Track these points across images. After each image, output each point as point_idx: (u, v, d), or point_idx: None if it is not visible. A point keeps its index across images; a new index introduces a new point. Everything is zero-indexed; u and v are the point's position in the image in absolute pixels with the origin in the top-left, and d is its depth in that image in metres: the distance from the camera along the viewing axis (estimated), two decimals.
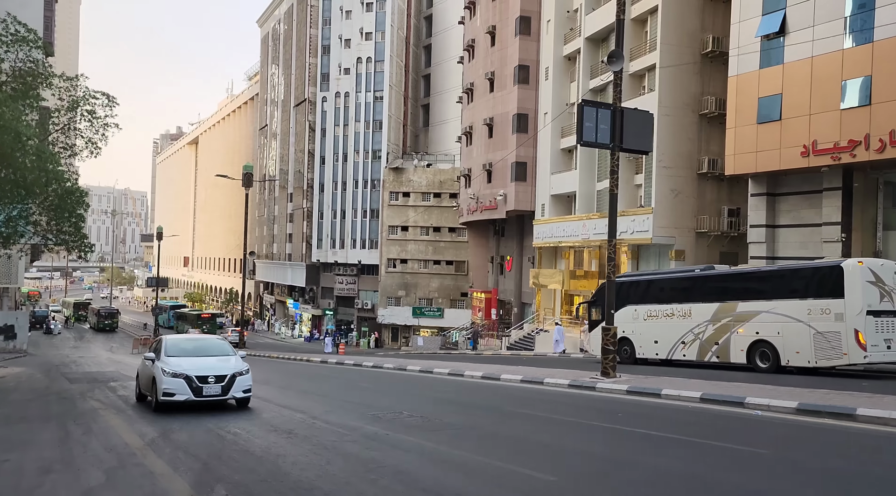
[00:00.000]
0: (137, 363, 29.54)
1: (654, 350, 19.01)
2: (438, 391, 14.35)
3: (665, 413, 10.03)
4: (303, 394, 14.10)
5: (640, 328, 19.54)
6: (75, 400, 13.44)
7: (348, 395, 13.65)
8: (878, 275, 14.85)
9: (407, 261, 58.19)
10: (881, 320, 14.62)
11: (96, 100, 18.28)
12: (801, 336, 15.22)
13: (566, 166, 37.00)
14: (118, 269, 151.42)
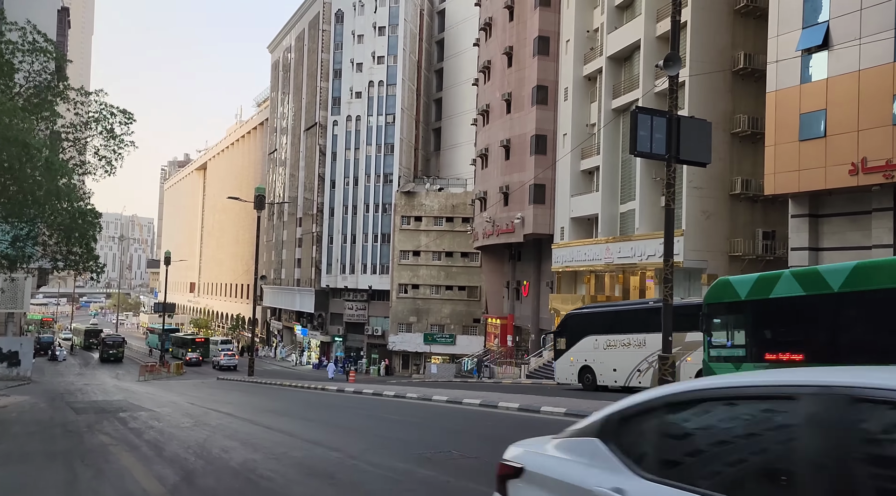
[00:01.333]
0: (145, 391, 28.53)
1: (613, 377, 19.82)
2: (478, 425, 13.10)
3: None
4: (330, 428, 12.86)
5: (600, 357, 20.36)
6: (82, 434, 12.24)
7: (381, 430, 12.41)
8: None
9: (419, 287, 57.03)
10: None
11: (114, 117, 17.41)
12: None
13: (587, 188, 36.02)
14: (124, 296, 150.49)
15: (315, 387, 26.93)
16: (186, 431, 12.20)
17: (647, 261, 29.29)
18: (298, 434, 11.68)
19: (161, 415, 15.55)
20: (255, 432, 12.03)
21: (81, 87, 17.51)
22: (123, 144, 17.69)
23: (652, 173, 30.44)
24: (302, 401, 20.90)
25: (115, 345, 62.75)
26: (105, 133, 17.25)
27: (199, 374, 49.37)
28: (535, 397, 17.37)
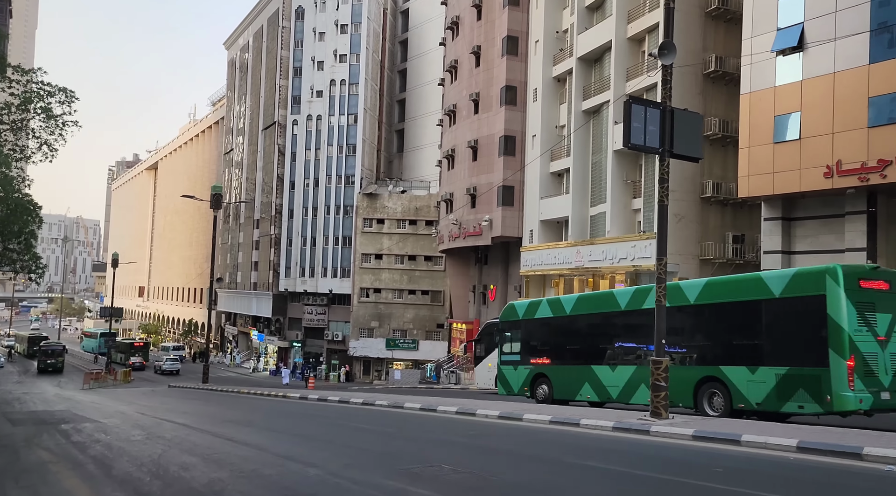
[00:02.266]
0: (90, 400, 26.64)
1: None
2: (460, 434, 12.19)
3: (772, 469, 8.11)
4: (301, 440, 11.77)
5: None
6: (18, 449, 10.86)
7: (357, 441, 11.38)
8: None
9: (381, 291, 55.83)
10: None
11: (52, 96, 15.93)
12: None
13: (556, 191, 35.59)
14: (68, 300, 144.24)
15: (275, 394, 25.57)
16: (138, 445, 10.94)
17: (618, 265, 28.93)
18: (267, 447, 10.57)
19: (108, 427, 14.16)
20: (218, 445, 10.86)
21: (18, 64, 15.97)
22: (65, 125, 16.25)
23: (623, 175, 30.17)
24: (263, 409, 19.62)
25: (55, 353, 54.84)
26: (42, 112, 15.78)
27: (147, 381, 47.07)
28: (513, 404, 16.57)
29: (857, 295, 11.30)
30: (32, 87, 15.87)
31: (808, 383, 11.46)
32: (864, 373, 11.06)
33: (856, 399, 10.93)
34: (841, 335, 11.05)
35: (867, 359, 11.15)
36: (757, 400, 12.24)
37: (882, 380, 11.23)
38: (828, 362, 11.12)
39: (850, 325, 11.09)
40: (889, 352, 11.42)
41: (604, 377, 15.45)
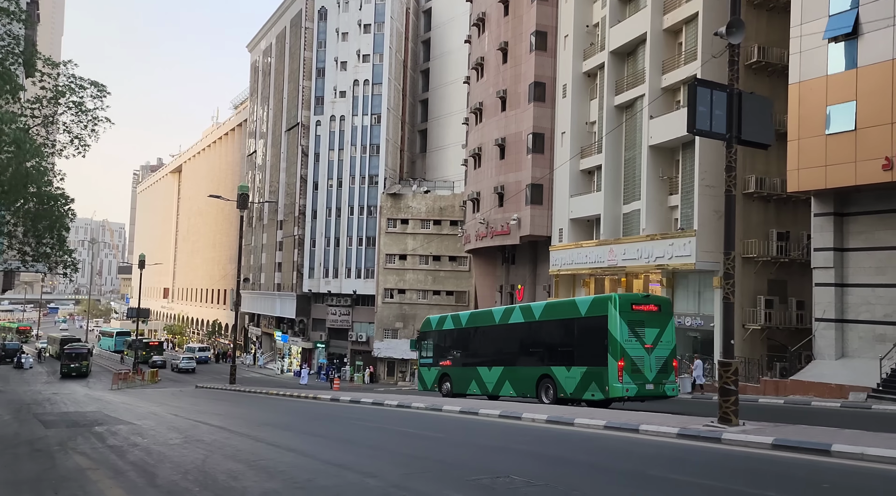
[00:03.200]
0: (120, 400, 26.36)
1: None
2: (513, 440, 11.53)
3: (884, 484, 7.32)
4: (347, 445, 11.17)
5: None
6: (53, 454, 10.38)
7: (407, 447, 10.75)
8: None
9: (405, 292, 55.32)
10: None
11: (84, 89, 15.53)
12: None
13: (586, 188, 34.78)
14: (94, 302, 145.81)
15: (305, 396, 25.07)
16: (178, 450, 10.42)
17: (653, 264, 28.05)
18: (313, 453, 9.98)
19: (143, 430, 13.69)
20: (261, 451, 10.29)
21: (49, 56, 15.58)
22: (97, 120, 15.83)
23: (658, 172, 29.28)
24: (298, 412, 19.09)
25: (79, 356, 49.61)
26: (75, 107, 15.36)
27: (172, 381, 46.98)
28: (560, 408, 15.86)
29: (630, 316, 15.59)
30: (63, 80, 15.47)
31: (597, 378, 15.73)
32: (631, 371, 15.40)
33: (623, 389, 15.31)
34: (615, 344, 15.38)
35: (634, 361, 15.47)
36: (570, 391, 16.47)
37: (647, 375, 15.61)
38: (607, 363, 15.40)
39: (622, 337, 15.41)
40: (654, 356, 15.73)
41: (484, 376, 19.51)
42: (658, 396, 15.85)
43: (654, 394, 15.72)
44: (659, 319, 16.09)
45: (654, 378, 15.64)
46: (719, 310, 25.93)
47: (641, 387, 15.48)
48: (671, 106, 29.19)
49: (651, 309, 16.12)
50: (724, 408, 11.04)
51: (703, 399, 22.44)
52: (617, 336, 15.39)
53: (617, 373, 15.26)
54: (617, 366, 15.25)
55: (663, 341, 16.06)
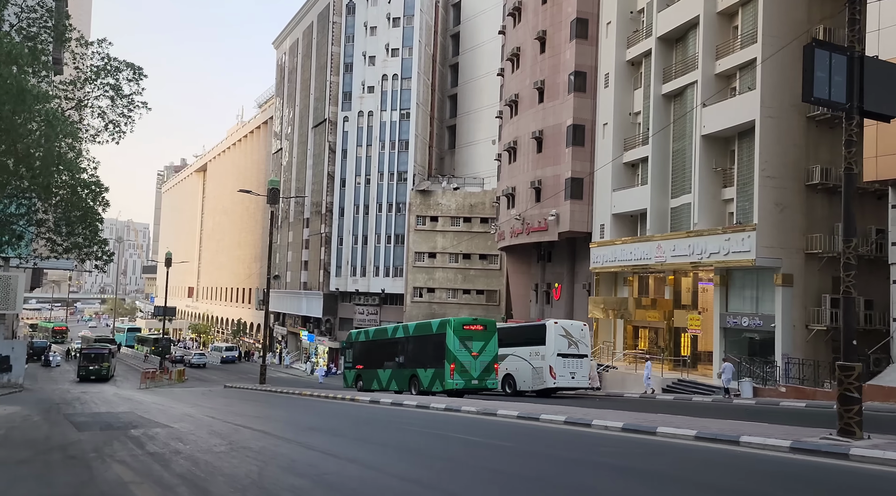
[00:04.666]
0: (151, 400, 25.50)
1: None
2: (593, 452, 10.24)
3: None
4: (413, 456, 9.94)
5: None
6: (90, 462, 9.29)
7: (480, 459, 9.50)
8: (568, 330, 23.39)
9: (434, 290, 54.19)
10: (567, 360, 23.03)
11: (119, 72, 14.48)
12: (526, 371, 23.71)
13: (630, 182, 33.30)
14: (119, 301, 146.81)
15: (342, 397, 23.94)
16: (226, 459, 9.28)
17: (707, 260, 26.48)
18: (379, 466, 8.77)
19: (182, 434, 12.61)
20: (319, 462, 9.11)
21: (81, 35, 14.56)
22: (134, 106, 14.77)
23: (711, 163, 27.73)
24: (339, 414, 17.93)
25: (99, 357, 43.63)
26: (111, 90, 14.29)
27: (199, 380, 46.27)
28: (637, 414, 14.53)
29: (461, 333, 21.42)
30: (97, 59, 14.43)
31: (439, 376, 21.51)
32: (460, 371, 21.20)
33: (454, 383, 21.01)
34: (449, 353, 21.18)
35: (463, 364, 21.30)
36: (426, 386, 22.20)
37: (472, 374, 21.39)
38: (444, 365, 21.21)
39: (454, 348, 21.25)
40: (479, 361, 21.53)
41: (381, 376, 25.59)
42: (482, 389, 21.88)
43: (478, 387, 21.75)
44: (484, 336, 21.96)
45: (478, 376, 21.75)
46: (781, 309, 24.38)
47: (468, 382, 21.54)
48: (725, 93, 27.62)
49: (478, 328, 22.06)
50: (847, 419, 9.61)
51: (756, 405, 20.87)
52: (451, 347, 21.36)
53: (450, 373, 21.37)
54: (450, 368, 21.39)
55: (486, 351, 21.88)
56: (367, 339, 27.50)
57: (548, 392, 22.80)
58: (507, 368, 23.99)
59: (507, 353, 23.80)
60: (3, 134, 10.64)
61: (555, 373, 22.57)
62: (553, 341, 22.88)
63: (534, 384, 23.08)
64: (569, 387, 23.18)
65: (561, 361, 22.80)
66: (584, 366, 23.41)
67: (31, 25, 12.29)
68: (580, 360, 23.33)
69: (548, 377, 22.65)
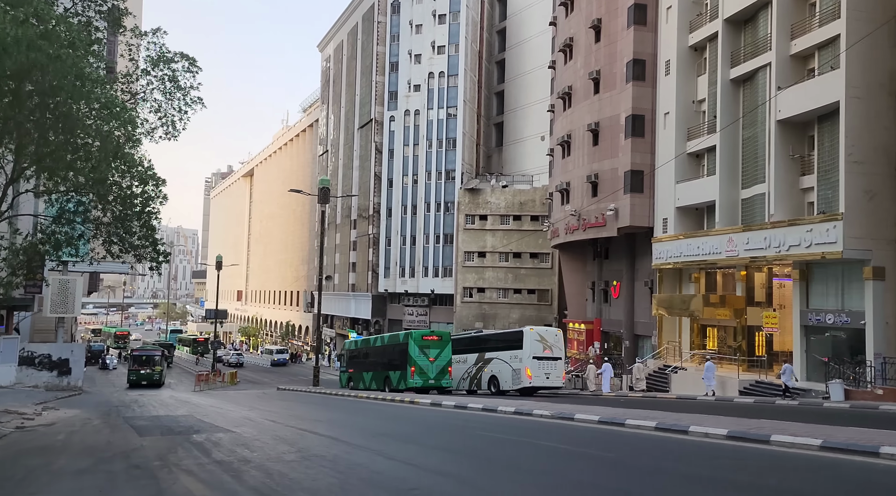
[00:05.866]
0: (209, 403, 25.14)
1: (454, 384, 27.51)
2: (708, 465, 9.02)
3: None
4: (508, 470, 8.89)
5: None
6: (155, 472, 8.55)
7: (584, 473, 8.41)
8: (543, 335, 24.99)
9: (484, 290, 53.10)
10: (542, 362, 24.50)
11: (175, 62, 13.86)
12: (507, 372, 25.15)
13: (694, 173, 31.61)
14: (171, 305, 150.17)
15: (399, 400, 23.07)
16: (300, 469, 8.42)
17: (786, 253, 24.67)
18: (479, 483, 7.75)
19: (247, 440, 11.85)
20: (404, 474, 8.16)
21: (135, 26, 13.96)
22: (190, 101, 14.13)
23: (788, 150, 25.92)
24: (404, 419, 17.02)
25: (150, 360, 39.72)
26: (167, 82, 13.64)
27: (250, 382, 46.22)
28: (745, 421, 13.18)
29: (420, 342, 25.85)
30: (152, 50, 13.84)
31: (403, 376, 25.95)
32: (419, 373, 25.53)
33: (414, 382, 25.41)
34: (411, 358, 25.67)
35: (422, 367, 25.60)
36: (395, 384, 26.53)
37: (429, 375, 25.65)
38: (406, 368, 25.68)
39: (415, 354, 25.69)
40: (435, 365, 25.76)
41: (364, 378, 30.17)
42: (438, 387, 25.91)
43: (434, 385, 25.84)
44: (439, 344, 26.32)
45: (434, 376, 25.85)
46: (871, 304, 22.48)
47: (426, 382, 25.69)
48: (802, 74, 25.79)
49: (434, 338, 26.49)
50: None
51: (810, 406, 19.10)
52: (412, 354, 25.82)
53: (411, 374, 25.68)
54: (410, 370, 25.71)
55: (441, 356, 26.12)
56: (356, 348, 32.80)
57: (527, 391, 24.46)
58: (492, 371, 25.94)
59: (493, 357, 26.15)
60: (61, 122, 10.05)
61: (531, 373, 24.11)
62: (529, 346, 24.43)
63: (514, 384, 24.74)
64: (544, 386, 24.69)
65: (536, 363, 24.30)
66: (558, 368, 25.02)
67: (86, 10, 11.75)
68: (554, 362, 24.86)
69: (524, 378, 24.18)
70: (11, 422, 15.34)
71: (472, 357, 27.28)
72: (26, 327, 34.47)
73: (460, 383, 27.70)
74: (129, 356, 43.35)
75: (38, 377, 29.15)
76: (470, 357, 27.39)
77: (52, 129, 10.49)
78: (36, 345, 30.78)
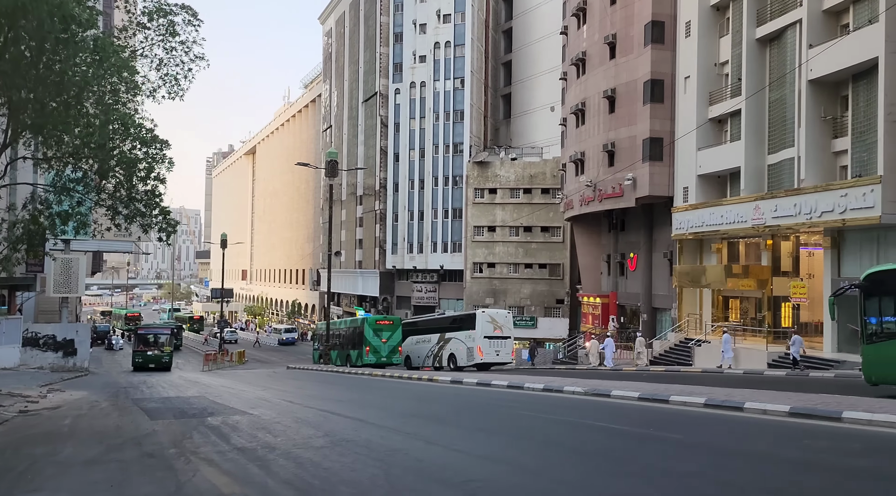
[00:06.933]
0: (220, 383, 24.35)
1: (421, 361, 30.28)
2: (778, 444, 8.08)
3: None
4: (564, 452, 7.97)
5: (414, 348, 31.14)
6: (172, 462, 7.64)
7: (651, 457, 7.48)
8: (493, 317, 27.47)
9: (495, 265, 52.12)
10: (492, 341, 26.88)
11: (175, 14, 12.69)
12: (462, 350, 27.42)
13: (717, 140, 30.38)
14: (175, 286, 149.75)
15: (419, 378, 22.26)
16: (333, 457, 7.49)
17: (818, 220, 23.56)
18: (536, 468, 6.83)
19: (267, 423, 10.97)
20: (453, 462, 7.23)
21: None
22: (192, 56, 12.97)
23: (820, 111, 24.68)
24: (426, 398, 16.16)
25: (157, 341, 34.67)
26: (166, 34, 12.48)
27: (258, 361, 45.60)
28: (788, 395, 12.26)
29: (374, 326, 30.58)
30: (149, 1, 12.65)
31: (360, 354, 30.57)
32: (374, 351, 30.10)
33: (369, 360, 29.90)
34: (366, 339, 30.23)
35: (375, 347, 30.11)
36: (354, 361, 31.13)
37: (382, 353, 30.19)
38: (363, 347, 30.32)
39: (369, 336, 30.18)
40: (387, 345, 30.27)
41: (332, 355, 34.43)
42: (390, 364, 30.16)
43: (386, 362, 30.12)
44: (391, 327, 30.85)
45: (386, 355, 30.30)
46: None
47: (378, 359, 30.00)
48: (834, 32, 24.45)
49: (387, 323, 31.27)
50: None
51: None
52: (367, 336, 30.21)
53: (366, 353, 30.00)
54: (366, 350, 30.11)
55: (392, 338, 30.52)
56: (324, 332, 36.70)
57: (480, 366, 26.74)
58: (451, 349, 28.06)
59: (452, 337, 28.24)
60: (50, 75, 8.98)
61: (482, 351, 26.44)
62: (481, 326, 26.68)
63: (468, 360, 26.97)
64: (494, 362, 27.03)
65: (487, 342, 26.60)
66: (507, 346, 27.50)
67: None
68: (504, 341, 27.24)
69: (477, 355, 26.47)
70: (14, 406, 14.51)
71: (435, 337, 29.55)
72: (30, 308, 33.69)
73: (425, 360, 29.94)
74: (134, 335, 38.09)
75: (42, 358, 28.39)
76: (433, 337, 29.70)
77: (43, 86, 9.42)
78: (40, 326, 29.99)
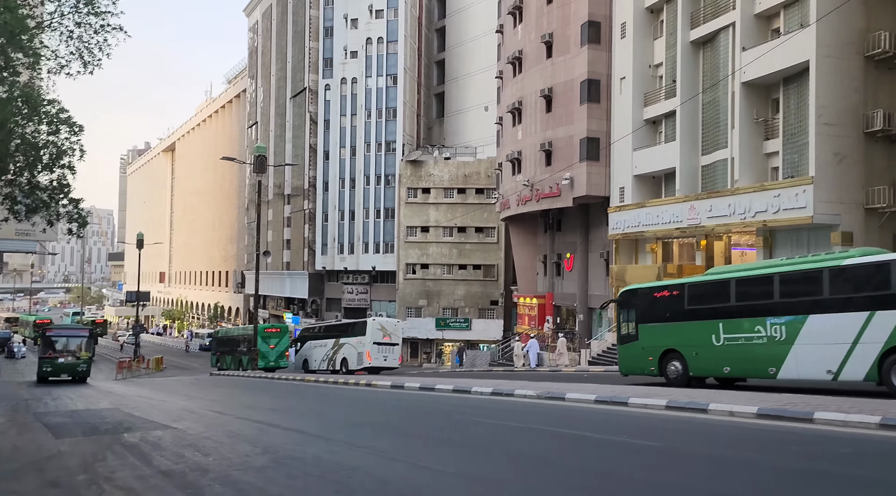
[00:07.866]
0: (136, 393, 22.29)
1: (317, 365, 30.94)
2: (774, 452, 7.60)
3: None
4: (533, 464, 7.16)
5: (312, 352, 31.65)
6: (80, 492, 6.33)
7: (619, 465, 6.79)
8: (383, 325, 29.04)
9: (428, 267, 51.33)
10: (381, 347, 28.09)
11: None
12: (353, 354, 28.45)
13: (651, 140, 30.72)
14: (85, 289, 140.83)
15: (355, 382, 21.09)
16: (279, 480, 6.39)
17: (752, 220, 24.04)
18: (531, 491, 5.97)
19: (194, 439, 9.63)
20: (430, 485, 6.27)
21: None
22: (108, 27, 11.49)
23: (752, 113, 25.21)
24: (369, 404, 15.08)
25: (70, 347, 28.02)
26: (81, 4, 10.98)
27: (178, 368, 42.97)
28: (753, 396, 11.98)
29: (263, 334, 33.96)
30: None
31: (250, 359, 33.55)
32: (262, 357, 32.92)
33: (261, 364, 32.65)
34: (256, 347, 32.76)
35: (264, 352, 33.08)
36: (246, 365, 34.02)
37: (270, 358, 33.22)
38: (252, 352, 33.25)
39: (260, 344, 32.94)
40: (275, 351, 33.56)
41: (227, 360, 36.88)
42: (277, 368, 32.91)
43: (274, 366, 32.90)
44: (279, 335, 34.40)
45: (274, 360, 33.26)
46: None
47: (267, 364, 32.69)
48: (766, 35, 25.05)
49: (275, 331, 35.10)
50: None
51: None
52: (258, 343, 32.60)
53: (256, 357, 32.30)
54: (256, 354, 32.35)
55: (280, 344, 33.69)
56: (219, 337, 40.65)
57: (369, 370, 27.48)
58: (344, 353, 29.02)
59: (345, 342, 29.18)
60: None
61: (370, 356, 27.65)
62: (371, 333, 27.84)
63: (358, 364, 27.89)
64: (382, 366, 28.11)
65: (376, 348, 27.87)
66: (395, 352, 28.84)
67: None
68: (392, 347, 28.60)
69: (366, 359, 27.59)
70: None
71: (331, 342, 30.33)
72: None
73: (321, 364, 30.73)
74: (41, 339, 30.79)
75: None
76: (329, 342, 30.50)
77: None
78: None
